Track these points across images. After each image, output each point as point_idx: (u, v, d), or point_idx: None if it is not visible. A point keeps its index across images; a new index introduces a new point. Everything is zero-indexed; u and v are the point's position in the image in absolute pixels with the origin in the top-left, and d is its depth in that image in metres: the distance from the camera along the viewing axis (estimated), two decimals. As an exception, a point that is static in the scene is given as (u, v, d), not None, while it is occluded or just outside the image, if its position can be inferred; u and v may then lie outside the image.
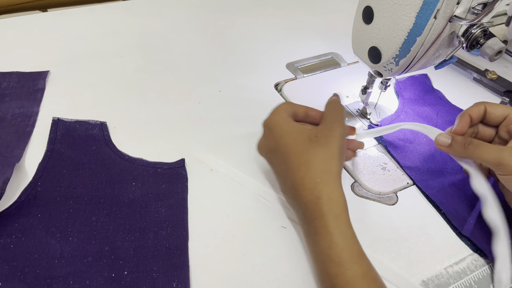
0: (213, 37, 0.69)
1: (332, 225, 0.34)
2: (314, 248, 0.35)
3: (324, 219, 0.34)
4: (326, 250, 0.33)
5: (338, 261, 0.33)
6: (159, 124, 0.52)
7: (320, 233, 0.34)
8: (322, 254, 0.34)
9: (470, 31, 0.39)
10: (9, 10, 0.78)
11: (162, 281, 0.36)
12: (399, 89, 0.59)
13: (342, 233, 0.34)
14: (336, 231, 0.34)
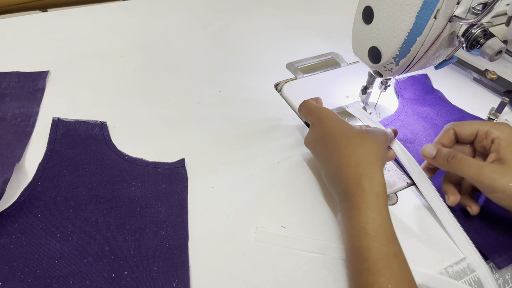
0: (213, 37, 0.69)
1: (372, 201, 0.35)
2: (351, 222, 0.35)
3: (365, 194, 0.36)
4: (363, 224, 0.34)
5: (374, 235, 0.34)
6: (159, 124, 0.52)
7: (359, 207, 0.35)
8: (357, 228, 0.34)
9: (470, 31, 0.39)
10: (9, 10, 0.78)
11: (162, 281, 0.36)
12: (399, 89, 0.59)
13: (380, 211, 0.35)
14: (375, 207, 0.35)
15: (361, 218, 0.35)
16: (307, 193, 0.45)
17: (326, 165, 0.41)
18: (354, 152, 0.39)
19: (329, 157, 0.40)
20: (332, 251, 0.39)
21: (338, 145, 0.40)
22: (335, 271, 0.38)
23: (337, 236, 0.41)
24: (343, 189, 0.38)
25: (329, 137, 0.41)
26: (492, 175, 0.38)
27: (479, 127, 0.42)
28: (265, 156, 0.49)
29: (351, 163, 0.38)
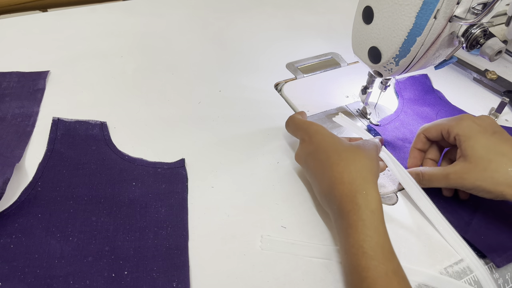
0: (213, 37, 0.69)
1: (368, 218, 0.34)
2: (347, 240, 0.35)
3: (360, 212, 0.35)
4: (360, 242, 0.34)
5: (372, 254, 0.33)
6: (159, 124, 0.52)
7: (355, 225, 0.34)
8: (355, 247, 0.34)
9: (470, 31, 0.39)
10: (9, 10, 0.78)
11: (162, 281, 0.36)
12: (399, 89, 0.59)
13: (377, 228, 0.34)
14: (372, 225, 0.34)
15: (358, 236, 0.34)
16: (307, 193, 0.45)
17: (318, 182, 0.40)
18: (347, 168, 0.38)
19: (322, 173, 0.39)
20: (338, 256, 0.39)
21: (330, 161, 0.39)
22: (335, 271, 0.38)
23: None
24: (337, 207, 0.37)
25: (320, 152, 0.40)
26: (457, 179, 0.40)
27: (442, 127, 0.44)
28: (265, 156, 0.49)
29: (345, 179, 0.37)
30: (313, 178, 0.41)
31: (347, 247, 0.34)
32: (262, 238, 0.39)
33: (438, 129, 0.44)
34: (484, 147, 0.40)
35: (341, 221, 0.36)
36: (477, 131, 0.41)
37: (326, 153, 0.40)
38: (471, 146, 0.40)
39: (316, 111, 0.56)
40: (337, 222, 0.37)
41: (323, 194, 0.39)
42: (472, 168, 0.40)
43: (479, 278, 0.38)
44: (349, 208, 0.35)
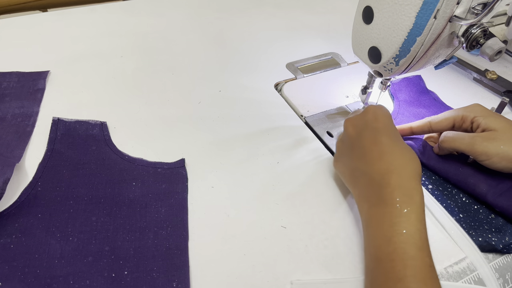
0: (213, 37, 0.69)
1: (420, 213, 0.35)
2: (393, 228, 0.34)
3: (415, 206, 0.35)
4: (412, 233, 0.34)
5: (420, 245, 0.33)
6: (159, 124, 0.52)
7: (407, 216, 0.34)
8: (404, 236, 0.33)
9: (470, 31, 0.39)
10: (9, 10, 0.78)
11: (162, 281, 0.36)
12: (394, 91, 0.59)
13: (424, 223, 0.35)
14: (422, 219, 0.35)
15: (410, 227, 0.34)
16: (307, 193, 0.45)
17: (372, 161, 0.38)
18: (410, 162, 0.38)
19: (380, 155, 0.38)
20: None
21: (396, 147, 0.38)
22: (335, 271, 0.38)
23: (342, 239, 0.41)
24: (388, 194, 0.36)
25: (384, 134, 0.39)
26: (483, 142, 0.41)
27: (455, 117, 0.45)
28: (265, 156, 0.49)
29: (404, 172, 0.37)
30: (366, 155, 0.39)
31: (391, 235, 0.34)
32: (293, 285, 0.37)
33: (450, 120, 0.46)
34: (505, 121, 0.42)
35: (387, 208, 0.35)
36: (491, 112, 0.44)
37: (392, 137, 0.39)
38: (493, 120, 0.42)
39: (316, 111, 0.56)
40: (379, 207, 0.36)
41: (374, 175, 0.38)
42: (499, 135, 0.41)
43: (483, 276, 0.38)
44: (403, 199, 0.35)
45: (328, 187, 0.46)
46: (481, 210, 0.43)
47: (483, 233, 0.41)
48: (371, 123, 0.41)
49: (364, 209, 0.38)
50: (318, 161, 0.49)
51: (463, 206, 0.44)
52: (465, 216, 0.43)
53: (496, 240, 0.40)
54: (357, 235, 0.41)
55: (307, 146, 0.50)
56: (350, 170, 0.41)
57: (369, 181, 0.38)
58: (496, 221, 0.42)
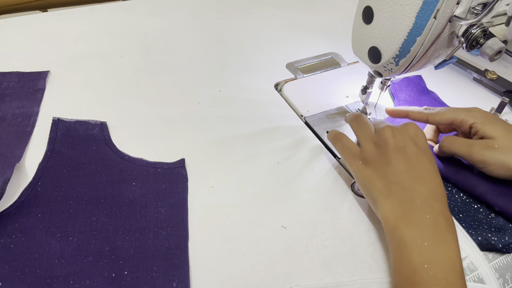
0: (213, 37, 0.69)
1: (457, 241, 0.35)
2: (436, 252, 0.34)
3: (456, 235, 0.35)
4: (453, 260, 0.33)
5: (460, 272, 0.33)
6: (159, 124, 0.52)
7: (448, 242, 0.34)
8: (445, 261, 0.33)
9: (470, 31, 0.39)
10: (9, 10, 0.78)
11: (162, 281, 0.36)
12: (394, 90, 0.59)
13: (459, 248, 0.35)
14: (459, 249, 0.35)
15: (452, 253, 0.34)
16: (307, 193, 0.45)
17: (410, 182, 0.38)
18: (441, 184, 0.38)
19: (422, 179, 0.38)
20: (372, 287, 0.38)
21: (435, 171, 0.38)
22: (335, 271, 0.38)
23: (342, 239, 0.41)
24: (432, 220, 0.35)
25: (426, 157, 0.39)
26: (481, 150, 0.42)
27: (453, 118, 0.45)
28: (265, 156, 0.49)
29: (442, 194, 0.37)
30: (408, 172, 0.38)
31: (433, 259, 0.33)
32: None
33: (449, 119, 0.45)
34: (504, 128, 0.42)
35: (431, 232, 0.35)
36: (491, 117, 0.44)
37: (431, 161, 0.39)
38: (491, 128, 0.42)
39: (316, 111, 0.56)
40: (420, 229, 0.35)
41: (415, 196, 0.37)
42: (497, 144, 0.41)
43: (483, 276, 0.38)
44: (445, 226, 0.35)
45: (328, 187, 0.46)
46: (481, 209, 0.43)
47: (482, 232, 0.41)
48: (413, 140, 0.40)
49: (399, 226, 0.36)
50: (318, 161, 0.49)
51: (463, 205, 0.44)
52: (465, 216, 0.43)
53: (495, 240, 0.40)
54: (357, 235, 0.41)
55: (307, 146, 0.50)
56: (384, 180, 0.39)
57: (409, 199, 0.37)
58: (495, 220, 0.42)
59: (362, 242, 0.40)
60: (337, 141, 0.45)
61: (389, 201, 0.38)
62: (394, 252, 0.36)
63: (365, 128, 0.43)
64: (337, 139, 0.45)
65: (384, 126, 0.42)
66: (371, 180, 0.40)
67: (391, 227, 0.37)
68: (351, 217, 0.43)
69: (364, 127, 0.44)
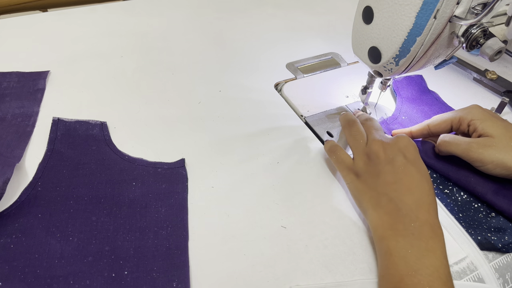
0: (213, 37, 0.69)
1: (444, 248, 0.35)
2: (421, 260, 0.34)
3: (439, 241, 0.36)
4: (437, 267, 0.34)
5: (445, 280, 0.33)
6: (159, 124, 0.52)
7: (433, 251, 0.35)
8: (430, 269, 0.34)
9: (470, 31, 0.39)
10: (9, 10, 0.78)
11: (162, 281, 0.36)
12: (397, 87, 0.59)
13: (447, 258, 0.35)
14: (445, 254, 0.35)
15: (435, 262, 0.34)
16: (307, 193, 0.45)
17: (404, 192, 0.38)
18: (429, 193, 0.38)
19: (412, 188, 0.38)
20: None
21: (426, 183, 0.39)
22: (335, 271, 0.38)
23: (342, 239, 0.41)
24: (418, 230, 0.36)
25: (417, 167, 0.40)
26: (479, 149, 0.42)
27: (452, 119, 0.46)
28: (265, 156, 0.49)
29: (431, 206, 0.37)
30: (395, 183, 0.39)
31: (418, 267, 0.34)
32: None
33: (448, 122, 0.46)
34: (502, 127, 0.42)
35: (416, 241, 0.36)
36: (490, 115, 0.44)
37: (421, 171, 0.39)
38: (490, 125, 0.43)
39: (316, 111, 0.56)
40: (406, 238, 0.36)
41: (402, 205, 0.37)
42: (495, 142, 0.42)
43: (483, 275, 0.38)
44: (430, 235, 0.35)
45: (328, 187, 0.46)
46: (481, 208, 0.43)
47: (482, 232, 0.41)
48: (403, 152, 0.41)
49: (386, 235, 0.37)
50: (318, 161, 0.49)
51: (463, 204, 0.44)
52: (465, 216, 0.43)
53: (495, 239, 0.40)
54: (357, 235, 0.41)
55: (307, 146, 0.50)
56: (373, 192, 0.40)
57: (395, 210, 0.38)
58: (495, 220, 0.42)
59: (362, 242, 0.40)
60: (333, 154, 0.46)
61: (377, 212, 0.39)
62: (381, 261, 0.37)
63: (357, 139, 0.45)
64: (332, 151, 0.46)
65: (375, 139, 0.43)
66: (361, 192, 0.41)
67: (379, 237, 0.38)
68: (351, 217, 0.43)
69: (357, 138, 0.45)
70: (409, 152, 0.41)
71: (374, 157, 0.42)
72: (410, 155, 0.41)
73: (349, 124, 0.47)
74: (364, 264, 0.39)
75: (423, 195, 0.38)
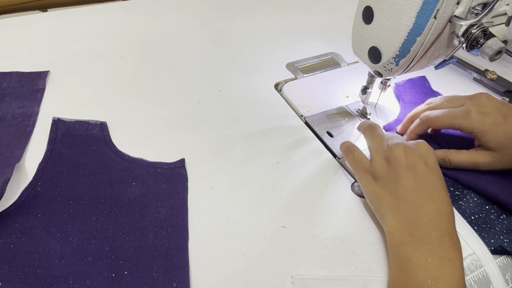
0: (213, 37, 0.69)
1: (462, 259, 0.35)
2: (441, 269, 0.34)
3: (460, 254, 0.36)
4: (457, 277, 0.34)
5: (457, 285, 0.34)
6: (159, 124, 0.52)
7: (453, 260, 0.35)
8: (450, 279, 0.34)
9: (470, 31, 0.39)
10: (9, 10, 0.78)
11: (162, 281, 0.36)
12: (399, 92, 0.59)
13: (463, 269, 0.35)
14: (463, 268, 0.35)
15: (455, 272, 0.34)
16: (307, 193, 0.45)
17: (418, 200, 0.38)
18: (449, 203, 0.38)
19: (431, 197, 0.38)
20: (373, 285, 0.38)
21: (444, 190, 0.39)
22: (335, 271, 0.38)
23: (342, 239, 0.41)
24: (439, 238, 0.36)
25: (436, 175, 0.40)
26: (487, 167, 0.44)
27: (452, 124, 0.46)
28: (265, 156, 0.49)
29: (451, 215, 0.38)
30: (417, 190, 0.39)
31: (438, 276, 0.34)
32: (293, 279, 0.37)
33: (447, 126, 0.46)
34: (504, 137, 0.43)
35: (436, 250, 0.36)
36: (490, 124, 0.43)
37: (440, 180, 0.40)
38: (491, 139, 0.43)
39: (316, 111, 0.56)
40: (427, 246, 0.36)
41: (422, 213, 0.37)
42: (500, 157, 0.43)
43: (488, 273, 0.39)
44: (451, 245, 0.35)
45: (328, 187, 0.46)
46: (492, 210, 0.43)
47: (495, 235, 0.41)
48: (424, 159, 0.41)
49: (405, 241, 0.36)
50: (318, 161, 0.49)
51: (475, 206, 0.44)
52: (477, 218, 0.43)
53: (508, 242, 0.40)
54: (357, 235, 0.41)
55: (307, 146, 0.50)
56: (392, 197, 0.39)
57: (416, 217, 0.37)
58: (508, 221, 0.42)
59: (362, 242, 0.40)
60: (349, 154, 0.45)
61: (396, 217, 0.38)
62: (397, 266, 0.36)
63: (378, 141, 0.44)
64: (350, 151, 0.46)
65: (397, 143, 0.42)
66: (379, 196, 0.40)
67: (396, 242, 0.37)
68: (351, 217, 0.43)
69: (377, 141, 0.44)
70: (429, 159, 0.41)
71: (395, 161, 0.41)
72: (431, 162, 0.41)
73: (371, 128, 0.46)
74: (364, 264, 0.39)
75: (444, 204, 0.38)
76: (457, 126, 0.45)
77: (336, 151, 0.50)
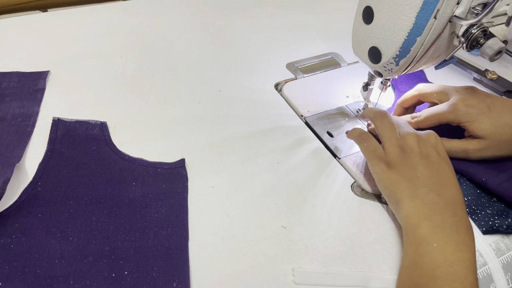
0: (213, 37, 0.69)
1: (475, 248, 0.36)
2: (458, 254, 0.35)
3: (473, 239, 0.37)
4: (472, 262, 0.35)
5: (476, 278, 0.34)
6: (159, 124, 0.52)
7: (469, 246, 0.36)
8: (466, 262, 0.35)
9: (470, 31, 0.39)
10: (9, 10, 0.78)
11: (162, 281, 0.36)
12: (395, 82, 0.59)
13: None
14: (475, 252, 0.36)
15: (471, 257, 0.35)
16: (307, 193, 0.45)
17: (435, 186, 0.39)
18: (461, 191, 0.40)
19: (447, 183, 0.40)
20: (374, 282, 0.38)
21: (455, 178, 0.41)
22: (335, 271, 0.38)
23: (342, 239, 0.41)
24: (456, 223, 0.37)
25: (447, 163, 0.42)
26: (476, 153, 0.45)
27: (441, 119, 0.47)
28: (265, 156, 0.49)
29: (461, 203, 0.39)
30: (433, 177, 0.40)
31: (455, 259, 0.35)
32: (294, 271, 0.38)
33: (436, 123, 0.47)
34: (490, 124, 0.44)
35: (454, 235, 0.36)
36: (476, 113, 0.45)
37: (452, 169, 0.41)
38: (478, 127, 0.44)
39: (316, 111, 0.56)
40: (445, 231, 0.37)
41: (438, 199, 0.38)
42: (489, 144, 0.44)
43: (492, 270, 0.39)
44: (466, 231, 0.37)
45: (328, 187, 0.46)
46: (483, 194, 0.45)
47: (485, 217, 0.42)
48: (435, 148, 0.43)
49: (422, 225, 0.37)
50: (318, 161, 0.49)
51: (467, 189, 0.45)
52: (469, 200, 0.44)
53: (499, 222, 0.42)
54: (357, 235, 0.41)
55: (307, 146, 0.50)
56: (409, 183, 0.40)
57: (433, 202, 0.38)
58: (498, 204, 0.44)
59: (362, 242, 0.41)
60: (363, 141, 0.46)
61: (414, 202, 0.39)
62: (413, 250, 0.37)
63: (391, 130, 0.44)
64: (363, 138, 0.46)
65: (409, 132, 0.44)
66: (395, 182, 0.41)
67: (413, 225, 0.38)
68: (351, 217, 0.43)
69: (390, 129, 0.45)
70: (440, 149, 0.43)
71: (409, 150, 0.42)
72: (442, 152, 0.43)
73: (381, 115, 0.46)
74: (364, 264, 0.39)
75: (458, 193, 0.39)
76: (445, 121, 0.47)
77: (336, 151, 0.50)
